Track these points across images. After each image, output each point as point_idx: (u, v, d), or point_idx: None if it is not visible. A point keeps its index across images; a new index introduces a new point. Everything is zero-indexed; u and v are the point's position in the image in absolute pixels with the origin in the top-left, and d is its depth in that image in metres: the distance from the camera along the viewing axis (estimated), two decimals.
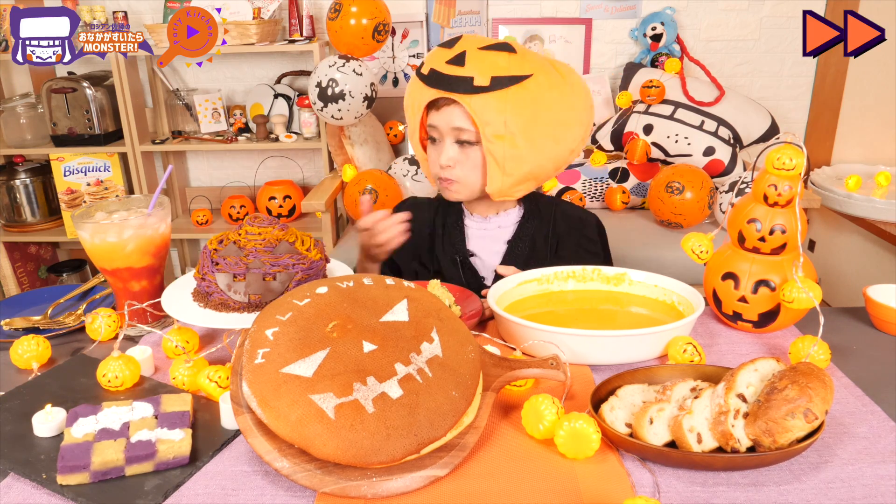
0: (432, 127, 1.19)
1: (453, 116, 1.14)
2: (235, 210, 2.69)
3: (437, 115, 1.17)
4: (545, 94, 1.11)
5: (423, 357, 0.74)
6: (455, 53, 1.13)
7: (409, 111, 1.23)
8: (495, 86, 1.08)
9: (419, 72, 1.18)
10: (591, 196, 2.46)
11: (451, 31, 2.68)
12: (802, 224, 0.96)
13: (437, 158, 1.20)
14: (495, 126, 1.10)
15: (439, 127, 1.17)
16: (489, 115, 1.09)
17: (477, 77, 1.09)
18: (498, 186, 1.16)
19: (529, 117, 1.10)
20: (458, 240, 1.29)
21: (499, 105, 1.09)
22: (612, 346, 0.90)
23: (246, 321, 0.89)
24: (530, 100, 1.10)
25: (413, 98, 1.20)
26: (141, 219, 0.99)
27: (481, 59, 1.10)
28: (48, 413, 0.77)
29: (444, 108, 1.15)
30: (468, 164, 1.18)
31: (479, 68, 1.09)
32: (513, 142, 1.11)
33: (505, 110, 1.09)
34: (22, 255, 2.79)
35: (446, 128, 1.16)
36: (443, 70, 1.12)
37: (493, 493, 0.68)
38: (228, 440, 0.76)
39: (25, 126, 2.63)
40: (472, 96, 1.09)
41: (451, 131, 1.16)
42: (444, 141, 1.18)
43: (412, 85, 1.20)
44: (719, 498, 0.67)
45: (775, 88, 2.72)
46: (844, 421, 0.79)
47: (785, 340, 0.99)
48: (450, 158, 1.17)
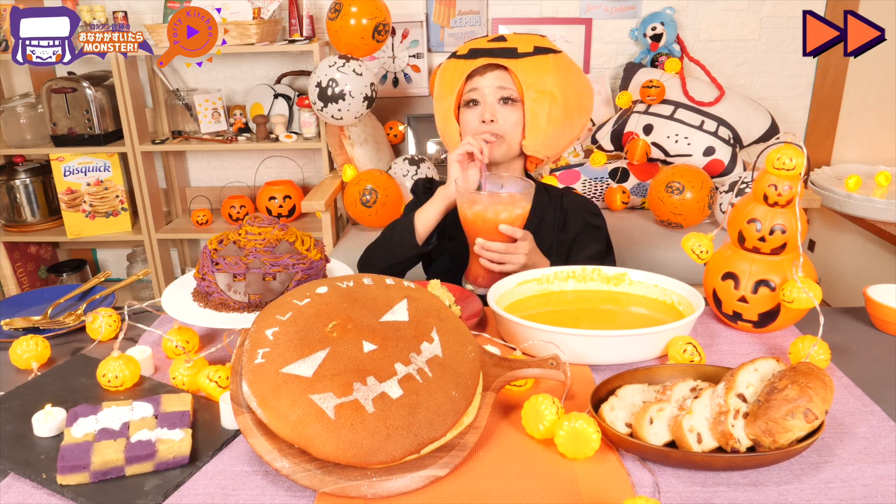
0: (473, 90, 1.29)
1: (497, 79, 1.27)
2: (235, 210, 2.69)
3: (481, 79, 1.28)
4: (572, 67, 1.32)
5: (423, 357, 0.74)
6: (493, 37, 1.32)
7: (443, 90, 1.33)
8: (539, 52, 1.28)
9: (457, 55, 1.33)
10: (591, 196, 2.46)
11: (451, 31, 2.68)
12: (802, 224, 0.96)
13: (478, 116, 1.29)
14: (538, 84, 1.26)
15: (481, 88, 1.28)
16: (534, 75, 1.26)
17: (521, 47, 1.27)
18: (535, 139, 1.28)
19: (564, 81, 1.28)
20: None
21: (543, 66, 1.27)
22: (612, 346, 0.90)
23: (246, 321, 0.89)
24: (565, 67, 1.30)
25: (451, 74, 1.31)
26: None
27: (519, 37, 1.30)
28: (48, 413, 0.77)
29: (488, 73, 1.28)
30: (510, 121, 1.28)
31: (520, 42, 1.28)
32: (553, 98, 1.26)
33: (548, 70, 1.27)
34: (22, 255, 2.79)
35: (490, 88, 1.28)
36: (486, 46, 1.29)
37: (493, 493, 0.68)
38: (228, 440, 0.76)
39: (25, 126, 2.63)
40: (518, 60, 1.26)
41: (496, 90, 1.28)
42: (486, 101, 1.29)
43: (448, 66, 1.33)
44: (719, 498, 0.67)
45: (775, 88, 2.72)
46: (844, 421, 0.79)
47: (785, 340, 0.99)
48: (493, 112, 1.28)
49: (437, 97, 1.36)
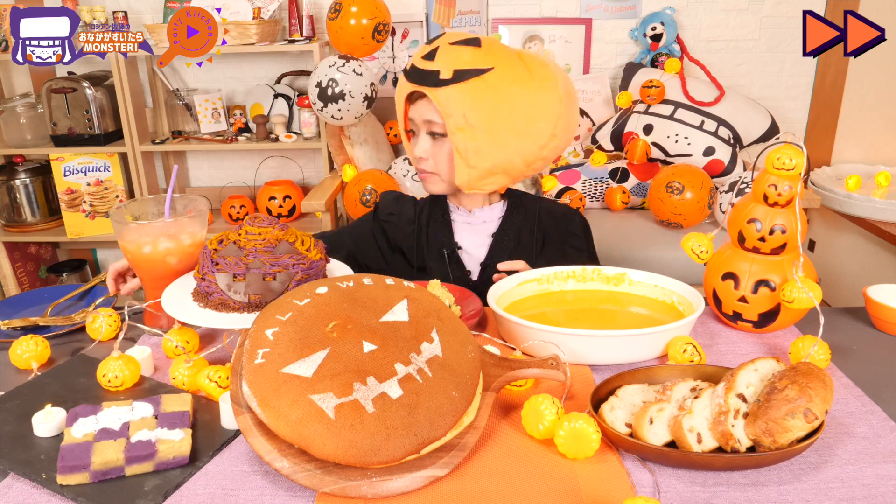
0: (410, 120, 1.23)
1: (425, 109, 1.18)
2: (235, 210, 2.69)
3: (413, 109, 1.21)
4: (506, 87, 1.12)
5: (423, 357, 0.74)
6: (431, 49, 1.16)
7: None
8: (456, 78, 1.11)
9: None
10: (591, 196, 2.46)
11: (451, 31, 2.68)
12: (802, 224, 0.96)
13: (413, 151, 1.24)
14: (457, 118, 1.13)
15: (415, 119, 1.21)
16: (451, 107, 1.13)
17: (442, 70, 1.12)
18: (465, 179, 1.18)
19: (489, 110, 1.12)
20: (445, 233, 1.30)
21: (459, 97, 1.12)
22: (612, 346, 0.90)
23: (246, 321, 0.89)
24: (489, 92, 1.11)
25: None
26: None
27: (448, 53, 1.14)
28: (48, 413, 0.77)
29: (418, 101, 1.19)
30: (441, 157, 1.20)
31: (445, 62, 1.13)
32: (473, 134, 1.13)
33: (464, 102, 1.12)
34: (22, 255, 2.79)
35: (419, 120, 1.20)
36: (418, 65, 1.16)
37: (493, 493, 0.68)
38: (228, 440, 0.76)
39: (25, 126, 2.63)
40: (437, 89, 1.13)
41: (424, 124, 1.19)
42: (420, 134, 1.21)
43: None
44: (719, 498, 0.67)
45: (775, 88, 2.72)
46: (844, 421, 0.79)
47: (785, 340, 0.99)
48: (423, 150, 1.21)
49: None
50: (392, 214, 1.34)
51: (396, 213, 1.34)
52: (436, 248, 1.29)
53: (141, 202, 1.15)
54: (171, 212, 1.04)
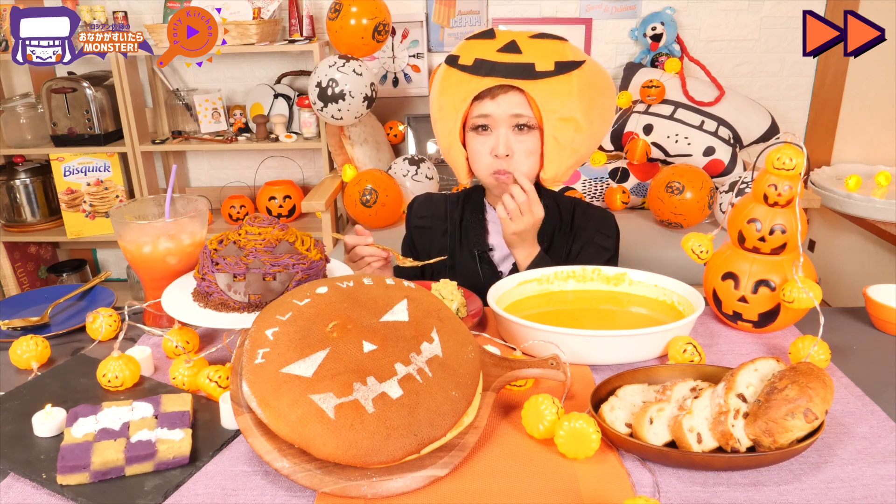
0: (484, 116, 1.15)
1: (512, 103, 1.13)
2: (235, 210, 2.69)
3: (492, 104, 1.14)
4: (597, 78, 1.15)
5: (423, 357, 0.74)
6: (504, 42, 1.13)
7: (446, 107, 1.17)
8: (560, 70, 1.10)
9: (459, 64, 1.15)
10: (591, 196, 2.46)
11: (452, 31, 2.68)
12: (802, 224, 0.96)
13: (490, 149, 1.17)
14: (560, 110, 1.11)
15: (494, 115, 1.14)
16: (555, 100, 1.10)
17: (539, 63, 1.10)
18: (555, 171, 1.16)
19: (590, 100, 1.13)
20: (479, 233, 1.29)
21: (566, 88, 1.10)
22: (612, 346, 0.90)
23: (246, 321, 0.89)
24: (590, 84, 1.13)
25: (454, 91, 1.15)
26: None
27: (538, 46, 1.12)
28: (48, 413, 0.77)
29: (500, 95, 1.13)
30: (524, 151, 1.16)
31: (539, 54, 1.11)
32: (577, 124, 1.12)
33: (572, 93, 1.10)
34: (22, 255, 2.79)
35: (503, 115, 1.14)
36: (495, 59, 1.11)
37: (493, 493, 0.68)
38: (228, 440, 0.76)
39: (25, 126, 2.63)
40: (536, 82, 1.10)
41: (509, 118, 1.14)
42: (498, 130, 1.15)
43: (450, 78, 1.16)
44: (719, 498, 0.67)
45: (775, 88, 2.72)
46: (844, 421, 0.79)
47: (785, 340, 0.99)
48: (507, 146, 1.15)
49: (439, 111, 1.19)
50: (423, 218, 1.33)
51: (429, 214, 1.33)
52: (468, 247, 1.28)
53: (141, 202, 1.14)
54: (171, 212, 1.04)
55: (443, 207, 1.34)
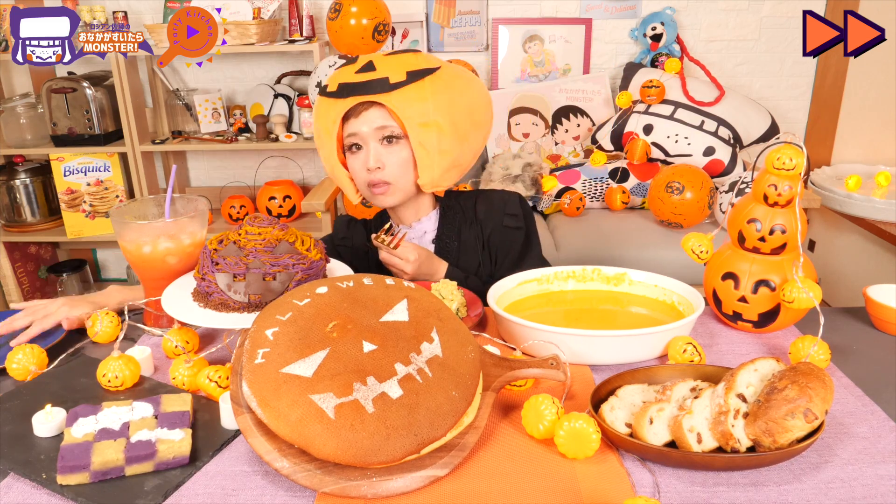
0: (353, 135, 1.19)
1: (374, 117, 1.16)
2: (235, 210, 2.69)
3: (357, 122, 1.17)
4: (454, 81, 1.18)
5: (423, 357, 0.74)
6: (361, 65, 1.17)
7: (322, 134, 1.21)
8: (412, 78, 1.14)
9: (324, 92, 1.19)
10: (591, 196, 2.46)
11: (451, 31, 2.68)
12: (802, 224, 0.96)
13: (363, 164, 1.20)
14: (419, 117, 1.14)
15: (360, 132, 1.18)
16: (413, 107, 1.14)
17: (392, 75, 1.14)
18: (429, 177, 1.19)
19: (448, 103, 1.15)
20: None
21: (420, 94, 1.14)
22: (612, 346, 0.90)
23: (246, 321, 0.89)
24: (444, 87, 1.16)
25: (325, 117, 1.19)
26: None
27: (390, 61, 1.16)
28: (48, 413, 0.77)
29: (363, 113, 1.16)
30: (396, 163, 1.19)
31: (391, 68, 1.15)
32: (439, 127, 1.15)
33: (426, 98, 1.14)
34: (22, 255, 2.79)
35: (369, 130, 1.17)
36: (353, 80, 1.15)
37: (493, 493, 0.68)
38: (228, 440, 0.76)
39: (25, 126, 2.63)
40: (392, 93, 1.13)
41: (375, 132, 1.17)
42: (368, 144, 1.18)
43: (321, 106, 1.21)
44: (719, 498, 0.67)
45: (775, 88, 2.72)
46: (844, 421, 0.79)
47: (785, 340, 0.99)
48: (377, 159, 1.18)
49: (317, 138, 1.24)
50: (346, 239, 1.34)
51: (349, 237, 1.34)
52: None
53: (141, 202, 1.14)
54: (171, 212, 1.04)
55: (361, 228, 1.36)
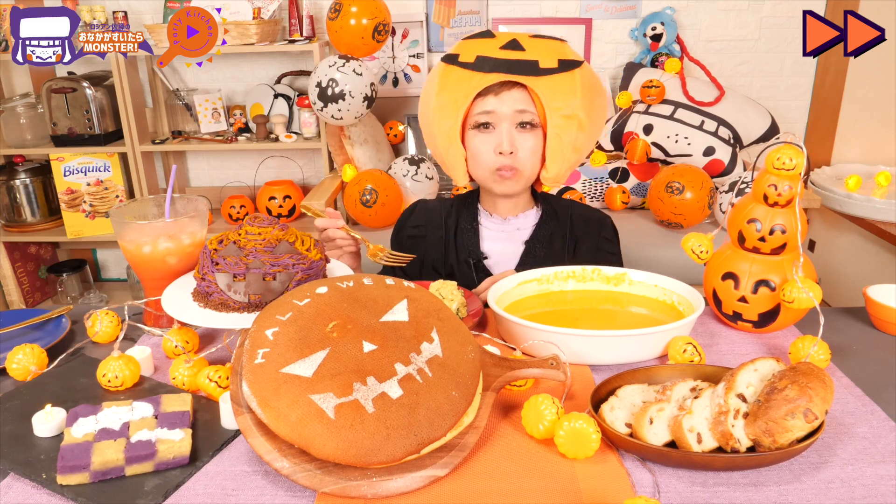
0: (487, 113, 1.14)
1: (515, 99, 1.12)
2: (235, 210, 2.69)
3: (496, 100, 1.12)
4: (594, 79, 1.16)
5: (423, 357, 0.74)
6: (506, 40, 1.12)
7: (446, 105, 1.15)
8: (563, 68, 1.10)
9: (459, 62, 1.14)
10: (591, 196, 2.46)
11: (451, 31, 2.68)
12: (802, 224, 0.96)
13: (492, 147, 1.15)
14: (564, 108, 1.10)
15: (497, 111, 1.13)
16: (560, 97, 1.10)
17: (542, 60, 1.09)
18: (557, 170, 1.16)
19: (590, 99, 1.13)
20: (472, 241, 1.27)
21: (569, 86, 1.10)
22: (612, 346, 0.90)
23: (246, 321, 0.89)
24: (589, 83, 1.14)
25: (455, 88, 1.13)
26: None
27: (539, 44, 1.12)
28: (48, 413, 0.77)
29: (504, 92, 1.12)
30: (528, 149, 1.15)
31: (541, 52, 1.10)
32: (580, 122, 1.12)
33: (575, 92, 1.10)
34: (22, 255, 2.79)
35: (508, 111, 1.13)
36: (498, 55, 1.11)
37: (493, 493, 0.68)
38: (228, 440, 0.76)
39: (25, 126, 2.63)
40: (541, 78, 1.09)
41: (513, 115, 1.13)
42: (501, 126, 1.14)
43: (451, 76, 1.14)
44: (719, 498, 0.67)
45: (775, 88, 2.72)
46: (844, 421, 0.79)
47: (785, 340, 0.99)
48: (511, 142, 1.14)
49: (437, 109, 1.15)
50: (418, 227, 1.31)
51: (423, 223, 1.31)
52: (463, 256, 1.26)
53: (141, 202, 1.14)
54: (171, 212, 1.04)
55: (438, 215, 1.32)
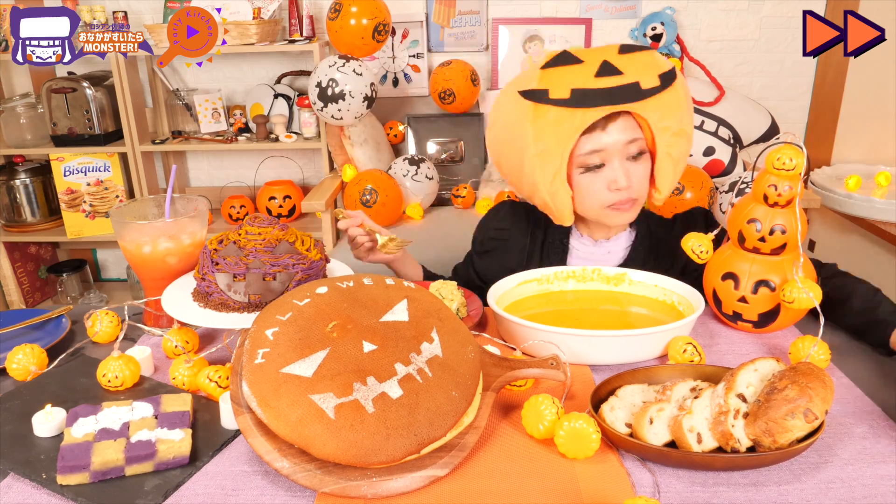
0: (596, 152, 1.05)
1: (623, 130, 1.04)
2: (235, 210, 2.69)
3: (603, 135, 1.04)
4: (685, 82, 1.09)
5: (423, 357, 0.74)
6: (597, 66, 1.02)
7: (551, 149, 1.04)
8: (665, 83, 1.03)
9: (551, 99, 1.02)
10: None
11: (451, 31, 2.68)
12: (802, 224, 0.96)
13: (604, 184, 1.07)
14: (676, 124, 1.04)
15: (608, 148, 1.04)
16: (670, 115, 1.03)
17: (643, 80, 1.01)
18: (668, 189, 1.09)
19: (689, 108, 1.07)
20: (559, 259, 1.22)
21: (675, 101, 1.04)
22: (612, 346, 0.90)
23: (246, 321, 0.89)
24: (686, 89, 1.07)
25: (559, 130, 1.02)
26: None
27: (633, 61, 1.03)
28: (48, 413, 0.77)
29: (610, 125, 1.04)
30: (642, 177, 1.09)
31: (639, 71, 1.02)
32: (688, 136, 1.06)
33: (682, 104, 1.04)
34: (22, 255, 2.79)
35: (618, 146, 1.05)
36: (595, 85, 1.01)
37: (493, 493, 0.68)
38: (228, 440, 0.76)
39: (25, 126, 2.62)
40: (646, 101, 1.01)
41: (624, 147, 1.05)
42: (612, 162, 1.06)
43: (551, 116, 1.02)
44: (719, 498, 0.67)
45: (775, 88, 2.71)
46: (844, 421, 0.79)
47: (785, 340, 0.99)
48: (628, 176, 1.06)
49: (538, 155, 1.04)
50: (502, 230, 1.25)
51: (509, 226, 1.25)
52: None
53: (141, 202, 1.14)
54: (171, 212, 1.04)
55: (525, 222, 1.25)
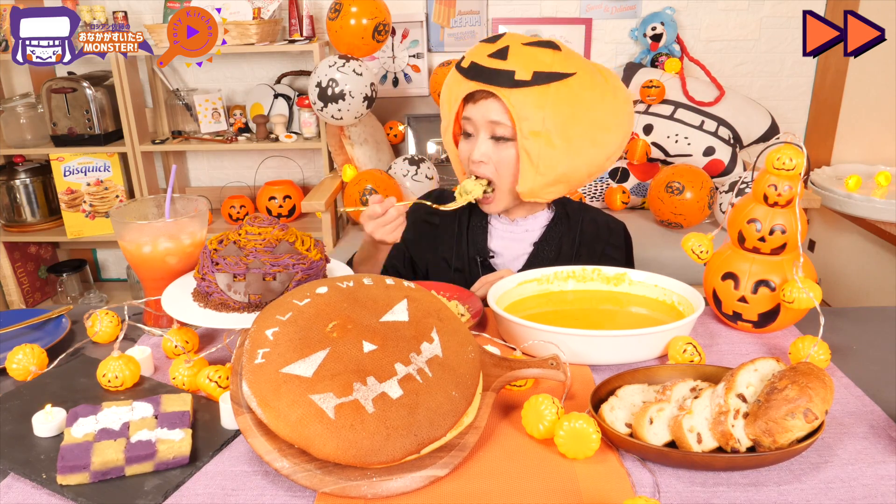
0: (467, 119, 1.16)
1: (490, 110, 1.12)
2: (235, 210, 2.69)
3: (474, 108, 1.14)
4: (586, 93, 1.09)
5: (423, 357, 0.74)
6: (498, 48, 1.11)
7: (445, 105, 1.20)
8: (536, 81, 1.07)
9: (459, 65, 1.16)
10: (591, 196, 2.46)
11: (451, 31, 2.68)
12: (802, 224, 0.96)
13: (468, 153, 1.18)
14: (532, 122, 1.08)
15: (474, 119, 1.15)
16: (527, 111, 1.08)
17: (518, 71, 1.07)
18: (529, 186, 1.14)
19: (568, 116, 1.08)
20: (481, 238, 1.28)
21: (538, 100, 1.07)
22: (612, 346, 0.90)
23: (246, 321, 0.89)
24: (571, 98, 1.08)
25: (451, 91, 1.18)
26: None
27: (525, 54, 1.09)
28: (48, 413, 0.77)
29: (482, 101, 1.13)
30: (503, 162, 1.15)
31: (521, 63, 1.08)
32: (549, 140, 1.09)
33: (544, 106, 1.07)
34: (22, 255, 2.79)
35: (482, 121, 1.14)
36: (484, 63, 1.11)
37: (493, 493, 0.68)
38: (228, 440, 0.76)
39: (25, 126, 2.63)
40: (512, 90, 1.08)
41: (487, 125, 1.13)
42: (479, 135, 1.16)
43: (451, 78, 1.18)
44: (719, 498, 0.67)
45: (775, 88, 2.72)
46: (844, 421, 0.79)
47: (785, 340, 0.99)
48: (483, 154, 1.15)
49: (440, 107, 1.24)
50: (433, 215, 1.29)
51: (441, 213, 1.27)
52: (471, 252, 1.27)
53: (141, 202, 1.14)
54: (171, 212, 1.04)
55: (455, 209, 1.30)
